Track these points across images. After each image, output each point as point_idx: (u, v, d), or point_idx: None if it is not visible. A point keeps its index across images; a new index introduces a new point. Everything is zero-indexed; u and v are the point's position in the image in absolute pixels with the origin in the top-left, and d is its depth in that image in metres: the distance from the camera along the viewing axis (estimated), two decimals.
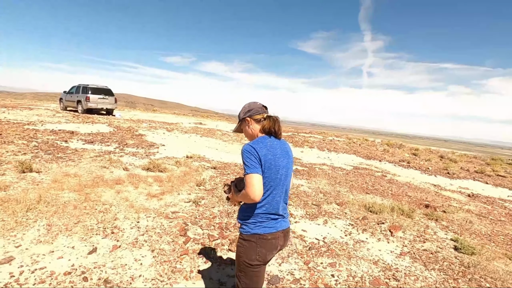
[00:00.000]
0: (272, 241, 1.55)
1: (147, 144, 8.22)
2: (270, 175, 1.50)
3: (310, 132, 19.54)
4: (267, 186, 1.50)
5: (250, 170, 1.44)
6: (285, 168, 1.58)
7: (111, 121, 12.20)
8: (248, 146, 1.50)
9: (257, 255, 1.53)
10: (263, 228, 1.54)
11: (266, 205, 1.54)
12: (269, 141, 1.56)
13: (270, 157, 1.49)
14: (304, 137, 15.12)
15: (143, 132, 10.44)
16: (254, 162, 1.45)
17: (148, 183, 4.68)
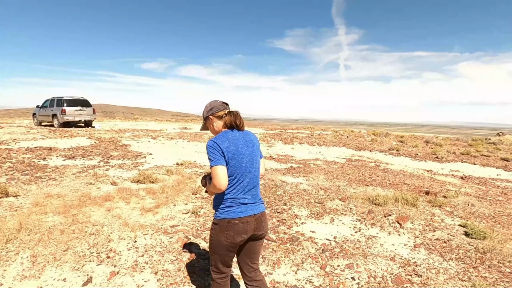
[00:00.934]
0: (240, 225, 1.66)
1: (133, 154, 7.80)
2: (234, 164, 1.63)
3: (296, 128, 19.51)
4: (233, 174, 1.64)
5: (213, 163, 1.57)
6: (250, 156, 1.71)
7: (91, 133, 11.59)
8: (210, 142, 1.64)
9: (225, 237, 1.67)
10: (231, 213, 1.65)
11: (233, 191, 1.66)
12: (231, 134, 1.69)
13: (232, 148, 1.63)
14: (292, 134, 15.03)
15: (127, 142, 9.96)
16: (216, 155, 1.58)
17: (140, 197, 4.35)
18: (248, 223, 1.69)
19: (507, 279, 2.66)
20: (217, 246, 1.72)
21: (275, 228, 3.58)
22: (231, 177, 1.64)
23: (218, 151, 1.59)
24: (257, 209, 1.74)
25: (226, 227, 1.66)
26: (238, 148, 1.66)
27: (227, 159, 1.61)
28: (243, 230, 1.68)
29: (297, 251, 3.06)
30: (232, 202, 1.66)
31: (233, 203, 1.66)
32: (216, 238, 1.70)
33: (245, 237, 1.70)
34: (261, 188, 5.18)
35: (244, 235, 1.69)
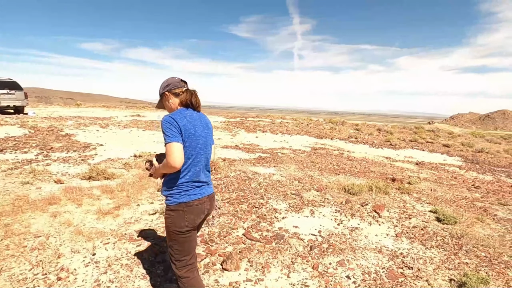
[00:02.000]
0: (199, 206, 1.65)
1: (80, 145, 6.78)
2: (191, 144, 1.58)
3: (257, 116, 19.34)
4: (188, 154, 1.58)
5: (170, 139, 1.49)
6: (205, 137, 1.68)
7: (23, 121, 9.89)
8: (167, 117, 1.55)
9: (186, 221, 1.62)
10: (188, 196, 1.61)
11: (189, 173, 1.61)
12: (188, 112, 1.64)
13: (190, 127, 1.57)
14: (253, 122, 14.80)
15: (71, 131, 8.69)
16: (174, 131, 1.51)
17: (94, 197, 3.69)
18: (205, 203, 1.69)
19: (485, 263, 2.77)
20: (178, 235, 1.64)
21: (256, 225, 3.30)
22: (186, 157, 1.58)
23: (176, 127, 1.52)
24: (210, 190, 1.76)
25: (186, 211, 1.61)
26: (195, 127, 1.61)
27: (184, 137, 1.55)
28: (202, 211, 1.68)
29: (285, 251, 2.82)
30: (187, 185, 1.62)
31: (188, 186, 1.62)
32: (176, 225, 1.63)
33: (203, 217, 1.72)
34: (233, 180, 4.83)
35: (202, 215, 1.70)
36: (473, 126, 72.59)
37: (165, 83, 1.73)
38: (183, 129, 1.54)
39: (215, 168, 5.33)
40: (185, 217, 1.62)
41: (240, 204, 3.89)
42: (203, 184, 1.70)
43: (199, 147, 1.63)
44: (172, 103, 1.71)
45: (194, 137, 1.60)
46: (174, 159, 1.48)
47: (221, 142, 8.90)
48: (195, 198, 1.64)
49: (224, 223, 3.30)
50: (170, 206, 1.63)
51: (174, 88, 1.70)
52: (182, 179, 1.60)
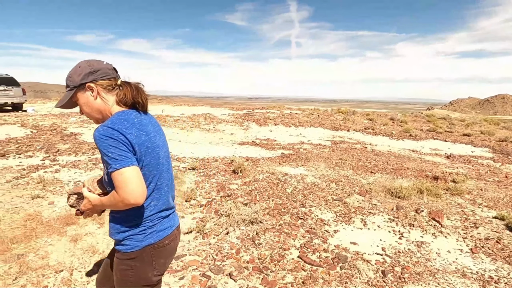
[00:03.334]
0: (170, 244, 1.24)
1: (88, 147, 6.26)
2: (150, 161, 1.12)
3: (263, 107, 18.74)
4: (149, 177, 1.13)
5: (119, 164, 1.00)
6: (164, 147, 1.25)
7: (24, 120, 9.32)
8: (106, 130, 1.03)
9: (154, 270, 1.19)
10: (157, 234, 1.18)
11: (153, 202, 1.16)
12: (136, 115, 1.14)
13: (144, 138, 1.10)
14: (262, 114, 14.23)
15: (76, 130, 8.16)
16: (123, 150, 1.02)
17: None
18: (176, 239, 1.29)
19: None
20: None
21: (309, 244, 2.83)
22: (147, 181, 1.14)
23: (124, 144, 1.04)
24: (177, 218, 1.34)
25: (154, 255, 1.18)
26: (151, 138, 1.15)
27: (139, 155, 1.09)
28: (173, 250, 1.29)
29: (355, 278, 2.37)
30: (153, 218, 1.17)
31: (155, 220, 1.18)
32: (141, 278, 1.17)
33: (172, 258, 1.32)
34: (264, 185, 4.35)
35: (173, 255, 1.31)
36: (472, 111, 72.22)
37: (87, 68, 1.13)
38: (135, 143, 1.07)
39: (241, 171, 4.84)
40: (153, 264, 1.19)
41: (281, 215, 3.42)
42: (170, 211, 1.27)
43: (161, 162, 1.19)
44: (101, 102, 1.15)
45: (153, 151, 1.14)
46: (131, 192, 1.00)
47: (236, 138, 8.39)
48: (165, 234, 1.21)
49: (273, 242, 2.83)
50: (131, 253, 1.15)
51: (103, 77, 1.14)
52: (146, 213, 1.15)
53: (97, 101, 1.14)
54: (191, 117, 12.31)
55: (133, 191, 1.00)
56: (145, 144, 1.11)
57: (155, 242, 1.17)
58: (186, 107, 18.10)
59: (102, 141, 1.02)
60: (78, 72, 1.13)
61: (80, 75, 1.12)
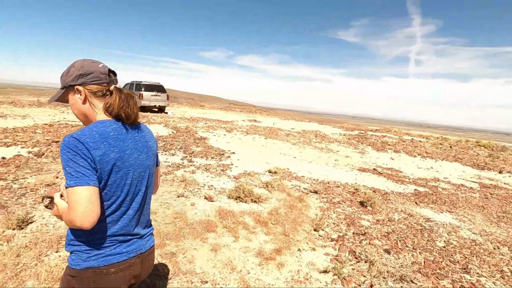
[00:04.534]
0: (118, 274, 1.03)
1: (215, 152, 6.85)
2: (115, 181, 1.00)
3: (377, 130, 17.06)
4: (111, 198, 1.01)
5: (74, 181, 0.91)
6: (141, 166, 1.08)
7: (167, 121, 11.22)
8: (71, 140, 0.93)
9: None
10: (103, 258, 1.01)
11: (109, 224, 1.02)
12: (115, 129, 1.03)
13: (113, 156, 0.99)
14: (377, 137, 12.86)
15: (204, 134, 9.19)
16: (82, 167, 0.92)
17: (249, 228, 3.17)
18: (131, 268, 1.07)
19: None
20: None
21: None
22: (107, 201, 1.00)
23: (86, 160, 0.92)
24: (146, 245, 1.14)
25: (93, 281, 0.99)
26: (124, 155, 1.01)
27: (102, 173, 0.96)
28: (123, 281, 1.05)
29: None
30: (107, 240, 1.01)
31: (108, 242, 1.01)
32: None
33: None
34: (404, 228, 3.61)
35: (124, 286, 1.06)
36: None
37: (79, 69, 1.05)
38: (99, 160, 0.96)
39: (371, 205, 4.22)
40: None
41: (438, 278, 2.67)
42: (134, 237, 1.10)
43: (131, 183, 1.06)
44: (88, 107, 1.07)
45: (121, 170, 1.02)
46: (79, 216, 0.90)
47: (353, 162, 7.69)
48: (115, 261, 1.03)
49: None
50: (71, 269, 1.02)
51: (94, 81, 1.05)
52: (99, 232, 1.01)
53: (85, 105, 1.07)
54: (301, 133, 12.23)
55: (81, 215, 0.90)
56: (112, 162, 0.99)
57: (98, 266, 1.01)
58: (294, 122, 18.30)
59: (64, 152, 0.94)
60: (70, 72, 1.07)
61: (70, 76, 1.06)
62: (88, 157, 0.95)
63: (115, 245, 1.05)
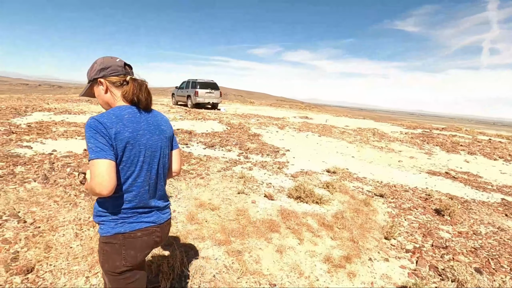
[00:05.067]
0: (143, 238, 1.22)
1: (270, 149, 6.80)
2: (129, 157, 1.16)
3: (443, 129, 15.30)
4: (126, 172, 1.17)
5: (94, 155, 1.08)
6: (154, 147, 1.25)
7: (220, 117, 11.56)
8: (92, 121, 1.12)
9: (123, 259, 1.18)
10: (129, 225, 1.19)
11: (129, 197, 1.19)
12: (129, 112, 1.20)
13: (127, 135, 1.15)
14: (446, 137, 11.50)
15: (257, 131, 9.23)
16: (100, 143, 1.09)
17: (314, 231, 3.03)
18: (153, 234, 1.26)
19: None
20: (113, 276, 1.20)
21: None
22: (124, 176, 1.17)
23: (104, 137, 1.09)
24: (163, 217, 1.32)
25: (124, 244, 1.18)
26: (136, 135, 1.18)
27: (118, 150, 1.13)
28: (147, 245, 1.25)
29: None
30: (127, 211, 1.19)
31: (129, 213, 1.20)
32: (110, 264, 1.19)
33: (148, 253, 1.29)
34: (496, 245, 3.09)
35: (148, 250, 1.27)
36: None
37: (100, 64, 1.22)
38: (116, 138, 1.11)
39: (450, 214, 3.72)
40: (122, 253, 1.18)
41: None
42: (153, 209, 1.26)
43: (143, 160, 1.20)
44: (109, 96, 1.23)
45: (134, 148, 1.16)
46: (99, 183, 1.05)
47: (419, 164, 6.96)
48: (140, 227, 1.20)
49: None
50: (102, 238, 1.19)
51: (113, 74, 1.21)
52: (120, 203, 1.17)
53: (107, 95, 1.24)
54: (357, 131, 11.54)
55: (99, 184, 1.06)
56: (125, 140, 1.14)
57: (126, 231, 1.18)
58: (347, 119, 17.42)
59: (87, 131, 1.10)
60: (93, 68, 1.24)
61: (94, 71, 1.24)
62: (106, 135, 1.11)
63: (135, 216, 1.22)
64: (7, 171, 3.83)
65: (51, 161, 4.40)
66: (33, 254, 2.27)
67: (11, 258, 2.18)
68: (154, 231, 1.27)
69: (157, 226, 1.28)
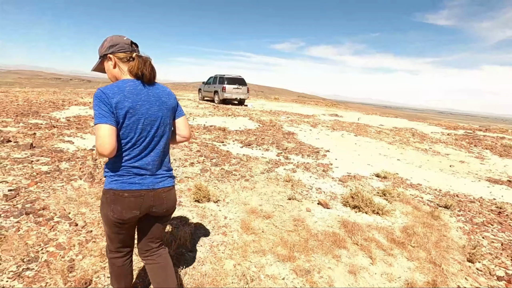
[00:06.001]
0: (130, 199, 1.36)
1: (309, 149, 6.45)
2: (128, 125, 1.31)
3: (487, 129, 14.15)
4: (126, 137, 1.33)
5: (97, 120, 1.25)
6: (152, 117, 1.37)
7: (250, 114, 11.30)
8: (98, 92, 1.28)
9: (111, 211, 1.37)
10: (120, 184, 1.35)
11: (126, 157, 1.35)
12: (131, 85, 1.34)
13: (127, 104, 1.30)
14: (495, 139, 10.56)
15: (290, 129, 8.89)
16: (103, 110, 1.25)
17: (383, 248, 2.67)
18: (142, 198, 1.38)
19: None
20: (106, 222, 1.44)
21: None
22: (124, 140, 1.33)
23: (106, 105, 1.25)
24: (159, 184, 1.43)
25: (113, 200, 1.36)
26: (135, 105, 1.32)
27: (119, 117, 1.28)
28: (135, 205, 1.37)
29: None
30: (123, 170, 1.35)
31: (124, 172, 1.35)
32: (103, 212, 1.42)
33: (137, 213, 1.40)
34: None
35: (135, 211, 1.39)
36: None
37: (109, 42, 1.37)
38: (116, 107, 1.26)
39: None
40: (111, 206, 1.36)
41: None
42: (146, 174, 1.38)
43: (140, 127, 1.34)
44: (117, 70, 1.38)
45: (133, 116, 1.31)
46: (101, 145, 1.22)
47: (475, 170, 6.33)
48: (128, 188, 1.34)
49: None
50: (104, 189, 1.40)
51: (121, 50, 1.36)
52: (117, 162, 1.34)
53: (115, 69, 1.39)
54: (394, 131, 10.88)
55: (100, 145, 1.22)
56: (125, 109, 1.28)
57: (115, 189, 1.34)
58: (378, 117, 16.62)
59: (94, 100, 1.27)
60: (104, 45, 1.38)
61: (104, 48, 1.38)
62: (108, 104, 1.24)
63: (130, 175, 1.35)
64: (53, 167, 3.77)
65: (93, 157, 4.32)
66: (88, 263, 2.10)
67: (67, 267, 2.02)
68: (144, 195, 1.38)
69: (149, 190, 1.39)
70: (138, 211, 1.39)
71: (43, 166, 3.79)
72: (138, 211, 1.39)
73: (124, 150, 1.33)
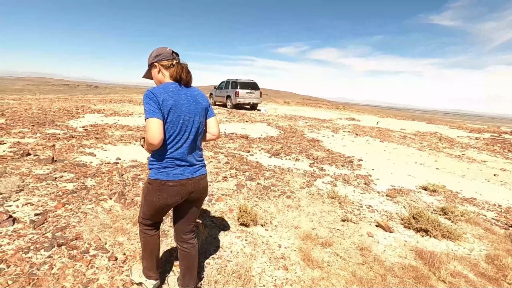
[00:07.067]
0: (174, 187, 1.59)
1: (341, 158, 6.04)
2: (172, 120, 1.53)
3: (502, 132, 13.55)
4: (170, 131, 1.54)
5: (148, 115, 1.47)
6: (190, 114, 1.59)
7: (267, 120, 10.93)
8: (147, 92, 1.52)
9: (157, 198, 1.61)
10: (166, 175, 1.57)
11: (170, 150, 1.56)
12: (173, 87, 1.58)
13: (171, 102, 1.52)
14: None
15: (312, 135, 8.49)
16: (153, 107, 1.47)
17: (475, 286, 2.26)
18: (184, 186, 1.62)
19: None
20: (149, 205, 1.68)
21: None
22: (168, 134, 1.54)
23: (155, 103, 1.48)
24: (196, 173, 1.67)
25: (159, 188, 1.59)
26: (177, 103, 1.55)
27: (164, 113, 1.50)
28: (178, 193, 1.61)
29: None
30: (167, 162, 1.57)
31: (168, 164, 1.57)
32: (148, 197, 1.66)
33: (179, 199, 1.64)
34: None
35: (178, 197, 1.63)
36: None
37: (155, 52, 1.63)
38: (163, 104, 1.49)
39: None
40: (158, 194, 1.60)
41: None
42: (186, 165, 1.61)
43: (182, 123, 1.56)
44: (161, 76, 1.64)
45: (176, 113, 1.53)
46: (151, 135, 1.45)
47: None
48: (172, 178, 1.57)
49: None
50: (148, 179, 1.62)
51: (164, 59, 1.61)
52: (162, 155, 1.56)
53: (159, 75, 1.64)
54: (418, 135, 10.42)
55: (152, 134, 1.44)
56: (169, 106, 1.50)
57: (162, 179, 1.57)
58: (395, 120, 16.14)
59: (144, 98, 1.49)
60: (151, 55, 1.64)
61: (151, 58, 1.64)
62: (156, 101, 1.49)
63: (174, 167, 1.58)
64: (79, 185, 3.44)
65: (119, 173, 3.99)
66: None
67: None
68: (185, 183, 1.61)
69: (190, 179, 1.62)
70: (180, 197, 1.63)
71: (68, 183, 3.46)
72: (180, 197, 1.63)
73: (168, 143, 1.55)
